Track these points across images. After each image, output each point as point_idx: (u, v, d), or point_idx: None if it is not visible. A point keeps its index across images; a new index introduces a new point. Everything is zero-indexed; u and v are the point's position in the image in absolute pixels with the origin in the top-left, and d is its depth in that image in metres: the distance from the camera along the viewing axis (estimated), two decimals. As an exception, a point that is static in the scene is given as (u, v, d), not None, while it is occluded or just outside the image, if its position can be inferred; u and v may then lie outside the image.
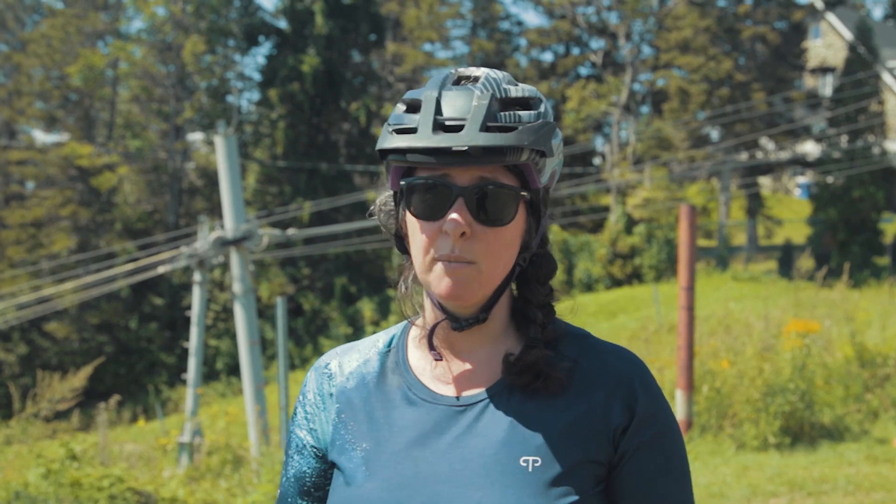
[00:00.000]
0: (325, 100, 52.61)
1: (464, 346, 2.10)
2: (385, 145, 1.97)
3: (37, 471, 9.18)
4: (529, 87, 2.03)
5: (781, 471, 9.73)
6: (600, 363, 2.09)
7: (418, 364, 2.14)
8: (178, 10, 55.10)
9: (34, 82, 55.85)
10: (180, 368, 39.24)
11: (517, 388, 2.04)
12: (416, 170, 1.99)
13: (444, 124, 1.92)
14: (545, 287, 2.13)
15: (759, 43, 52.20)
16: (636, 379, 2.07)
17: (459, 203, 1.93)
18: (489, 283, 1.99)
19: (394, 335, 2.24)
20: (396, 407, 2.09)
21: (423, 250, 1.98)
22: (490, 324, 2.08)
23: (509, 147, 1.90)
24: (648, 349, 17.58)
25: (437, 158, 1.91)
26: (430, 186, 1.95)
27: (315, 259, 49.69)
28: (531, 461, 1.96)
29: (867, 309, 14.26)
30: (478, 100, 1.94)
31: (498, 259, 1.98)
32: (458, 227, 1.91)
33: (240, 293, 20.82)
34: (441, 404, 2.06)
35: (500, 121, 1.93)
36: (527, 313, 2.11)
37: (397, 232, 2.12)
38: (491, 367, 2.08)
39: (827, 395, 11.37)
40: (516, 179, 1.98)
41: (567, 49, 61.62)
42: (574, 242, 44.61)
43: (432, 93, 1.97)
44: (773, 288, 30.91)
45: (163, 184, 56.26)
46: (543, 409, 2.02)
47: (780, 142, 52.43)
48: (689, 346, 11.01)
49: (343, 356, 2.24)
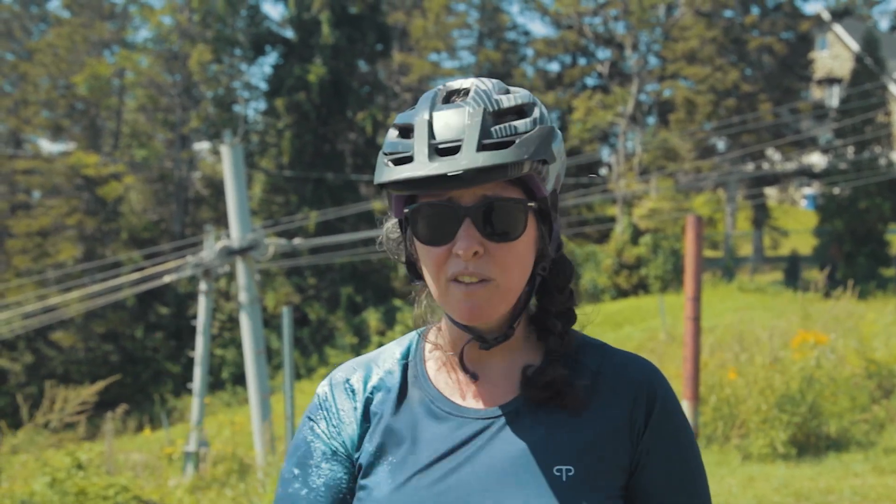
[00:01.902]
0: (331, 109, 52.67)
1: (483, 357, 2.08)
2: (383, 179, 1.91)
3: (43, 480, 9.18)
4: (522, 93, 1.99)
5: (788, 482, 9.71)
6: (621, 372, 2.09)
7: (437, 376, 2.12)
8: (185, 19, 55.17)
9: (40, 91, 55.95)
10: (186, 378, 39.25)
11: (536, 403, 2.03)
12: (417, 195, 1.96)
13: (439, 148, 1.88)
14: (564, 293, 2.11)
15: (766, 54, 52.17)
16: (655, 383, 2.08)
17: (467, 224, 1.89)
18: (508, 297, 1.96)
19: (409, 346, 2.21)
20: (421, 420, 2.06)
21: (436, 275, 1.95)
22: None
23: (510, 163, 1.86)
24: (655, 360, 17.55)
25: (438, 185, 1.86)
26: (436, 211, 1.91)
27: (321, 269, 49.70)
28: (564, 470, 1.95)
29: (873, 320, 14.22)
30: (470, 117, 1.89)
31: (514, 273, 1.94)
32: (470, 247, 1.88)
33: (245, 302, 20.81)
34: (468, 417, 2.03)
35: (496, 136, 1.88)
36: (546, 324, 2.09)
37: (408, 259, 2.08)
38: (512, 377, 2.07)
39: (833, 406, 11.35)
40: (521, 191, 1.94)
41: (574, 59, 61.70)
42: (580, 253, 44.64)
43: (423, 116, 1.92)
44: (780, 299, 30.90)
45: (169, 193, 56.32)
46: (571, 418, 2.02)
47: (786, 153, 52.41)
48: (695, 356, 10.99)
49: (362, 370, 2.19)
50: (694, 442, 2.13)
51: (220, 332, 47.12)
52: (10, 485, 9.91)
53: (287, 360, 12.93)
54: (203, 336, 22.27)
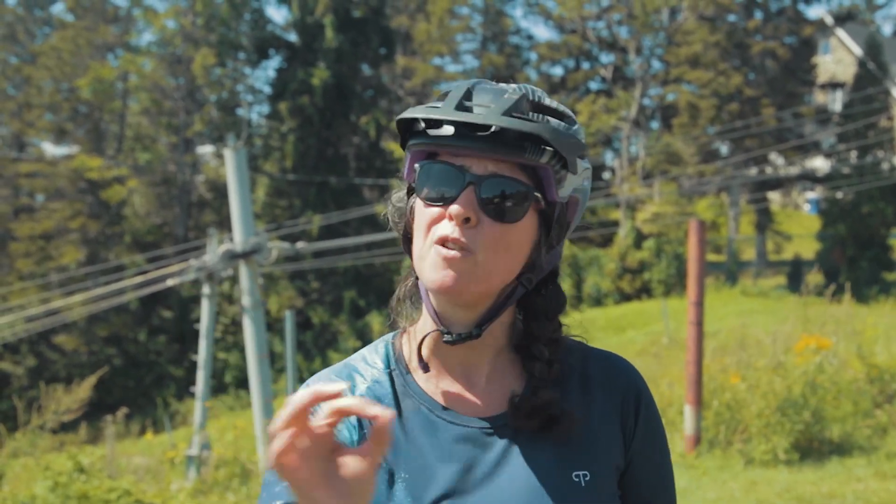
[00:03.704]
0: (334, 113, 52.69)
1: (470, 361, 2.03)
2: (405, 115, 1.92)
3: (44, 483, 9.18)
4: (565, 108, 1.98)
5: (790, 486, 9.70)
6: (606, 370, 2.09)
7: (426, 384, 2.05)
8: (189, 23, 55.22)
9: (44, 95, 55.97)
10: (189, 381, 39.21)
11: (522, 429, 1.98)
12: (435, 158, 1.93)
13: (468, 107, 1.87)
14: (553, 322, 2.07)
15: (769, 58, 52.20)
16: (640, 385, 2.10)
17: (469, 190, 1.85)
18: (484, 279, 1.89)
19: (386, 354, 2.13)
20: (423, 431, 2.00)
21: (424, 233, 1.91)
22: (492, 340, 2.03)
23: (530, 137, 1.84)
24: (657, 364, 17.55)
25: (455, 135, 1.86)
26: (444, 170, 1.89)
27: (324, 272, 49.72)
28: (581, 476, 1.95)
29: (875, 324, 14.21)
30: (508, 95, 1.89)
31: (498, 256, 1.89)
32: (464, 212, 1.84)
33: (249, 306, 20.80)
34: (470, 426, 1.98)
35: (526, 115, 1.88)
36: (531, 350, 2.04)
37: (405, 232, 2.05)
38: (501, 384, 2.03)
39: (836, 411, 11.34)
40: (532, 182, 1.90)
41: (577, 63, 61.67)
42: (583, 257, 44.61)
43: (464, 83, 1.93)
44: (783, 303, 30.87)
45: (172, 196, 56.32)
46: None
47: (789, 157, 52.41)
48: (697, 361, 11.00)
49: (347, 377, 2.09)
50: (665, 435, 2.16)
51: (223, 335, 47.11)
52: (12, 488, 9.91)
53: (290, 363, 12.92)
54: (206, 340, 22.25)
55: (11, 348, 46.22)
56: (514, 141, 1.84)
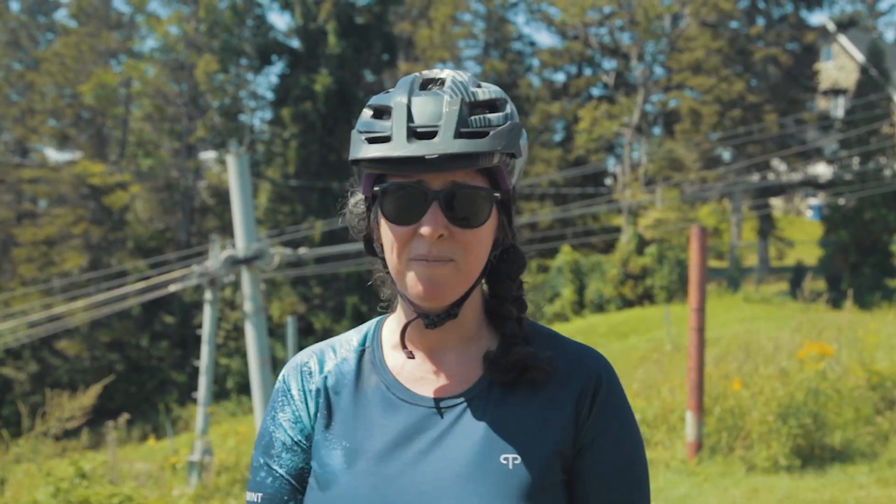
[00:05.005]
0: (337, 119, 52.63)
1: (439, 345, 2.14)
2: (360, 155, 2.00)
3: (46, 489, 9.17)
4: (494, 88, 2.07)
5: (791, 493, 9.69)
6: (573, 361, 2.15)
7: (395, 363, 2.17)
8: (192, 29, 55.25)
9: (47, 100, 56.04)
10: (191, 387, 39.25)
11: (499, 385, 2.10)
12: (388, 174, 2.02)
13: (417, 131, 1.95)
14: (516, 282, 2.18)
15: (772, 64, 52.18)
16: (603, 374, 2.15)
17: (434, 207, 1.96)
18: (466, 280, 2.03)
19: (367, 333, 2.27)
20: (375, 406, 2.12)
21: (398, 253, 2.02)
22: (463, 322, 2.13)
23: (483, 153, 1.93)
24: (659, 370, 17.54)
25: (412, 167, 1.94)
26: (405, 191, 1.98)
27: (326, 278, 49.69)
28: (511, 458, 2.02)
29: (878, 331, 14.20)
30: (448, 105, 1.97)
31: (474, 257, 2.02)
32: (435, 230, 1.95)
33: (251, 312, 20.79)
34: (421, 405, 2.09)
35: (472, 125, 1.96)
36: (501, 311, 2.15)
37: (367, 235, 2.16)
38: (468, 366, 2.13)
39: (837, 418, 11.33)
40: (488, 181, 2.02)
41: (579, 69, 61.71)
42: (585, 263, 44.58)
43: (401, 99, 2.00)
44: (785, 309, 30.86)
45: (174, 202, 56.36)
46: (520, 406, 2.08)
47: (791, 163, 52.43)
48: (699, 367, 11.00)
49: (319, 354, 2.25)
50: (638, 434, 2.20)
51: (225, 341, 47.09)
52: (14, 493, 9.91)
53: (291, 369, 12.91)
54: (208, 345, 22.24)
55: (14, 354, 46.22)
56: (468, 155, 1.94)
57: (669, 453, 11.47)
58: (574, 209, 45.93)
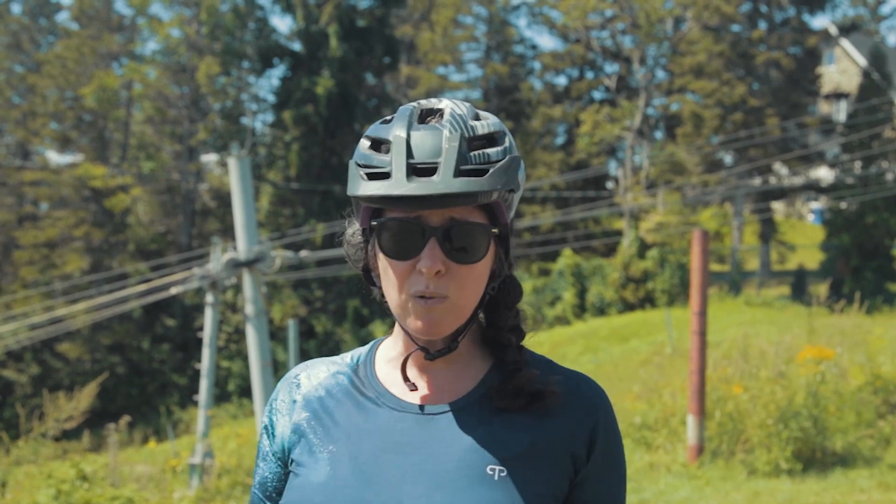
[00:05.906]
0: (338, 122, 52.61)
1: (433, 367, 2.15)
2: (359, 192, 1.99)
3: (47, 492, 9.17)
4: (493, 120, 2.07)
5: (793, 497, 9.68)
6: (568, 389, 2.14)
7: (387, 378, 2.18)
8: (193, 31, 55.26)
9: (48, 103, 56.07)
10: (192, 390, 39.26)
11: (490, 400, 2.11)
12: (386, 209, 2.03)
13: (417, 168, 1.95)
14: (512, 311, 2.18)
15: (773, 68, 52.20)
16: (601, 408, 2.15)
17: (433, 243, 1.96)
18: (462, 315, 2.04)
19: (362, 352, 2.30)
20: (363, 413, 2.14)
21: (398, 288, 2.02)
22: (458, 348, 2.13)
23: (483, 192, 1.94)
24: (661, 374, 17.52)
25: (412, 204, 1.94)
26: (403, 227, 1.98)
27: (328, 281, 49.66)
28: (497, 470, 2.02)
29: (880, 335, 14.19)
30: (447, 141, 1.96)
31: (471, 293, 2.03)
32: (434, 267, 1.95)
33: (252, 315, 20.81)
34: (409, 412, 2.10)
35: (472, 162, 1.96)
36: (499, 339, 2.16)
37: (365, 266, 2.17)
38: (460, 379, 2.14)
39: (839, 422, 11.32)
40: (485, 216, 2.02)
41: (581, 73, 61.75)
42: (587, 266, 44.53)
43: (400, 133, 1.99)
44: (786, 313, 30.83)
45: (176, 205, 56.36)
46: (509, 425, 2.08)
47: (793, 167, 52.40)
48: (700, 371, 10.99)
49: (312, 368, 2.28)
50: (624, 464, 2.22)
51: (226, 344, 47.10)
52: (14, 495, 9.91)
53: (292, 372, 12.89)
54: (209, 348, 22.25)
55: (15, 356, 46.23)
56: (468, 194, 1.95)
57: (671, 457, 11.47)
58: (575, 212, 45.92)
